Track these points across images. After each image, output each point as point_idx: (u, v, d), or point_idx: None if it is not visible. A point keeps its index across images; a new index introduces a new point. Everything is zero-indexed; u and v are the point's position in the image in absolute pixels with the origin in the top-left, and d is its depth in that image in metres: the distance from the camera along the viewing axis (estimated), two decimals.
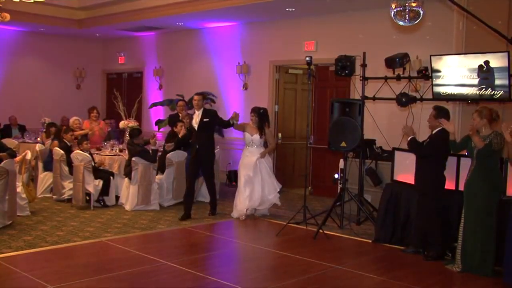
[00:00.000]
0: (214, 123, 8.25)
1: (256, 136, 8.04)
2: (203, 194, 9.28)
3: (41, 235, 6.66)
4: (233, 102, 11.39)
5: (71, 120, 9.63)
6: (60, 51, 14.02)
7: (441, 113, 6.12)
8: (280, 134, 10.79)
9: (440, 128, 6.09)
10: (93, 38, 14.30)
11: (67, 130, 9.04)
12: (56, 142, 9.06)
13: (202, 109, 8.05)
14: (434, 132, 6.17)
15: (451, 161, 6.25)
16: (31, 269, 5.35)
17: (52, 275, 5.17)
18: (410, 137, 6.26)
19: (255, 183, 7.93)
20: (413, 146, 6.26)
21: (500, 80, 6.34)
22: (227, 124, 8.22)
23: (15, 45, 13.30)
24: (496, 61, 6.34)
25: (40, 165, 9.40)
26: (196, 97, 8.14)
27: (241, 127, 8.28)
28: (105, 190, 8.51)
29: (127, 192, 8.49)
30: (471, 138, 5.66)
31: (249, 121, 8.32)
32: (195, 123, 7.98)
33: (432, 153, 6.09)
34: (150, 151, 8.47)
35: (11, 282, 5.03)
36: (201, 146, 7.96)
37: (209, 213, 8.15)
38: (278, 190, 8.17)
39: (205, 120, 7.93)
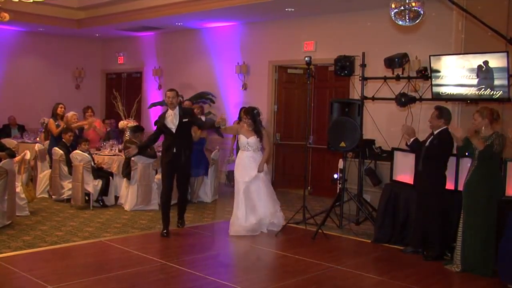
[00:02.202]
0: (193, 124, 7.21)
1: (253, 139, 7.14)
2: (202, 194, 9.28)
3: (40, 235, 6.65)
4: (233, 102, 11.39)
5: (69, 115, 9.59)
6: (60, 51, 14.02)
7: (443, 113, 6.12)
8: (278, 134, 10.80)
9: (443, 128, 6.09)
10: (92, 38, 14.30)
11: (67, 130, 9.04)
12: (52, 120, 9.32)
13: (177, 107, 6.93)
14: (436, 132, 6.14)
15: (451, 161, 6.24)
16: (30, 269, 5.34)
17: (51, 275, 5.16)
18: (413, 138, 6.24)
19: (255, 195, 7.12)
20: (416, 147, 6.25)
21: (499, 80, 6.34)
22: (211, 125, 7.40)
23: (14, 45, 13.30)
24: (495, 61, 6.34)
25: (39, 165, 9.40)
26: (169, 93, 6.98)
27: (233, 129, 7.70)
28: (104, 190, 8.51)
29: (126, 192, 8.49)
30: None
31: (241, 123, 7.47)
32: (172, 124, 6.84)
33: (442, 153, 6.08)
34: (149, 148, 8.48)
35: (10, 282, 5.03)
36: (179, 151, 6.83)
37: (178, 225, 7.28)
38: (278, 209, 7.35)
39: (184, 120, 6.85)
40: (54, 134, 9.28)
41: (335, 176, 8.54)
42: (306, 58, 7.51)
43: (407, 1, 5.49)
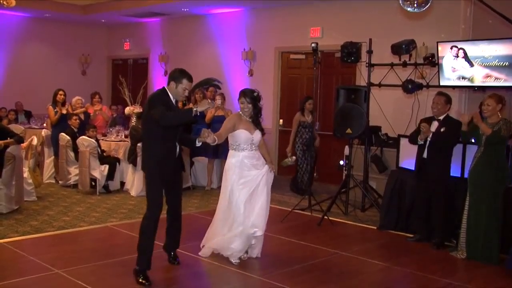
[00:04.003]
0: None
1: (258, 135, 5.41)
2: (199, 178, 9.27)
3: (47, 220, 6.71)
4: (238, 89, 11.26)
5: (73, 100, 9.56)
6: (66, 37, 14.00)
7: (450, 98, 6.14)
8: (281, 120, 10.74)
9: (446, 114, 6.08)
10: (98, 24, 14.27)
11: (71, 115, 9.06)
12: (51, 107, 9.21)
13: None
14: (446, 119, 6.09)
15: (457, 148, 6.22)
16: (37, 253, 5.40)
17: (58, 259, 5.21)
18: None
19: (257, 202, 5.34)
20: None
21: (507, 68, 6.30)
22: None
23: (20, 31, 13.29)
24: (504, 48, 6.30)
25: (46, 150, 9.45)
26: (189, 85, 5.45)
27: (227, 129, 5.36)
28: (110, 174, 8.55)
29: (132, 178, 8.53)
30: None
31: (237, 113, 5.70)
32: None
33: (451, 140, 6.06)
34: None
35: (18, 266, 5.09)
36: (179, 152, 5.09)
37: (177, 262, 5.27)
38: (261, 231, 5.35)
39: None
40: (51, 122, 9.25)
41: (341, 162, 8.54)
42: (312, 45, 7.47)
43: None
